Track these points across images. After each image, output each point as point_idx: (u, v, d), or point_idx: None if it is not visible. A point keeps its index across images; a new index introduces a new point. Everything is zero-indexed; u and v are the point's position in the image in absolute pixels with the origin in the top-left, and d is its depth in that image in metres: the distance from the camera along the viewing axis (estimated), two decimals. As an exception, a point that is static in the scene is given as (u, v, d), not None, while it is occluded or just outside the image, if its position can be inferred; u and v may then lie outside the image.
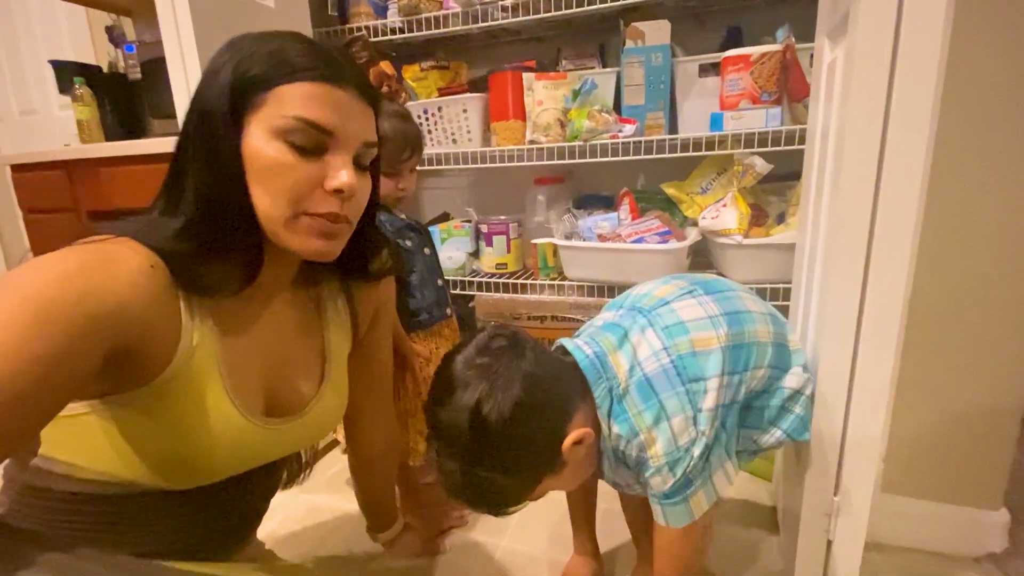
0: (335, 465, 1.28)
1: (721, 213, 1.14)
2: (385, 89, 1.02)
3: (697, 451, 0.61)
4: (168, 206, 0.50)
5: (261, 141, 0.47)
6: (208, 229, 0.48)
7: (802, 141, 1.00)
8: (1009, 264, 0.80)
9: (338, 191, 0.49)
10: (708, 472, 0.63)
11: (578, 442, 0.60)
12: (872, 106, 0.55)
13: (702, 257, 1.32)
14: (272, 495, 0.70)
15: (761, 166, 1.09)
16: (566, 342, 0.70)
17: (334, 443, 1.34)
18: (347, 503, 1.12)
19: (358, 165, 0.52)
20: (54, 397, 0.39)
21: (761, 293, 1.16)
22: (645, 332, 0.65)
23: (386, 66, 1.06)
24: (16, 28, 2.30)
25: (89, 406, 0.48)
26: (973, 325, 0.84)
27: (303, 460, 0.74)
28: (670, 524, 0.64)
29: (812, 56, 0.98)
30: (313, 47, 0.49)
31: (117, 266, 0.43)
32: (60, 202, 1.62)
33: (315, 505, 1.13)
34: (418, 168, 1.28)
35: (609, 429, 0.64)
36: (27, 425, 0.38)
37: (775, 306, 1.15)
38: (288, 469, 0.72)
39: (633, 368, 0.64)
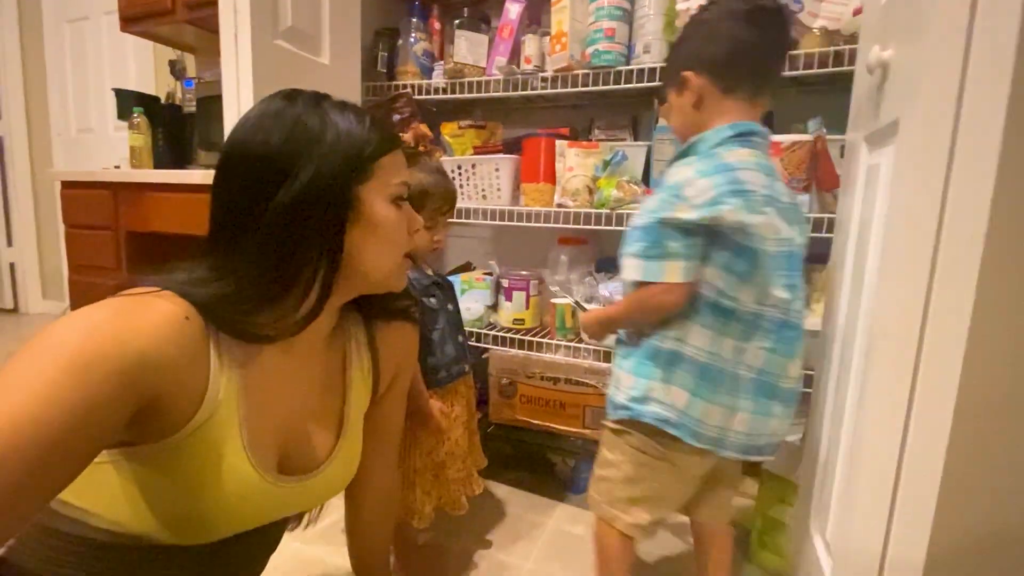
0: (332, 513, 1.25)
1: (744, 292, 1.14)
2: (423, 148, 1.07)
3: None
4: (226, 261, 0.51)
5: (382, 208, 0.55)
6: (285, 284, 0.52)
7: (830, 229, 1.00)
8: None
9: (416, 231, 0.60)
10: None
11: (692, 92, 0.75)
12: (926, 215, 0.54)
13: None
14: (274, 549, 0.68)
15: (787, 250, 1.09)
16: None
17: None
18: (339, 557, 1.08)
19: None
20: (86, 446, 0.40)
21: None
22: None
23: (424, 128, 1.11)
24: (87, 52, 2.47)
25: (109, 455, 0.48)
26: (1017, 438, 0.80)
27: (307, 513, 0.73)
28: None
29: (842, 148, 1.00)
30: (383, 123, 0.57)
31: (148, 316, 0.44)
32: (102, 220, 1.68)
33: (307, 556, 1.10)
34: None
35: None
36: (61, 473, 0.39)
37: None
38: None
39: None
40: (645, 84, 1.20)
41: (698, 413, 0.72)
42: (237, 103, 1.04)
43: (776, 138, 1.10)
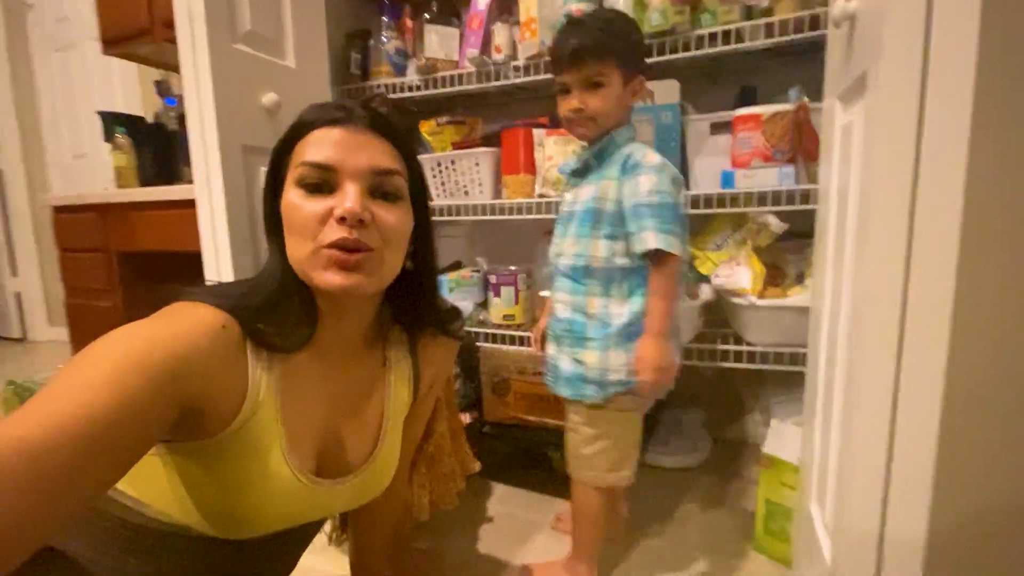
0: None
1: (735, 272, 1.10)
2: None
3: None
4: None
5: (287, 194, 0.54)
6: (265, 287, 0.54)
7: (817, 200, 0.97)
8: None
9: (342, 218, 0.50)
10: None
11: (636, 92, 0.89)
12: (900, 172, 0.50)
13: (717, 315, 1.26)
14: (307, 546, 0.71)
15: (776, 225, 1.06)
16: None
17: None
18: (331, 566, 1.06)
19: (383, 195, 0.54)
20: (134, 444, 0.42)
21: (779, 358, 1.10)
22: None
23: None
24: (73, 79, 2.50)
25: (155, 449, 0.51)
26: (1016, 403, 0.76)
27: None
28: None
29: (826, 116, 0.96)
30: (326, 104, 0.55)
31: (187, 325, 0.47)
32: (93, 242, 1.69)
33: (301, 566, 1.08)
34: (432, 218, 1.29)
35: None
36: (110, 470, 0.41)
37: (793, 372, 1.09)
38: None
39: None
40: (619, 65, 1.16)
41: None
42: (199, 109, 1.02)
43: (755, 110, 1.06)
